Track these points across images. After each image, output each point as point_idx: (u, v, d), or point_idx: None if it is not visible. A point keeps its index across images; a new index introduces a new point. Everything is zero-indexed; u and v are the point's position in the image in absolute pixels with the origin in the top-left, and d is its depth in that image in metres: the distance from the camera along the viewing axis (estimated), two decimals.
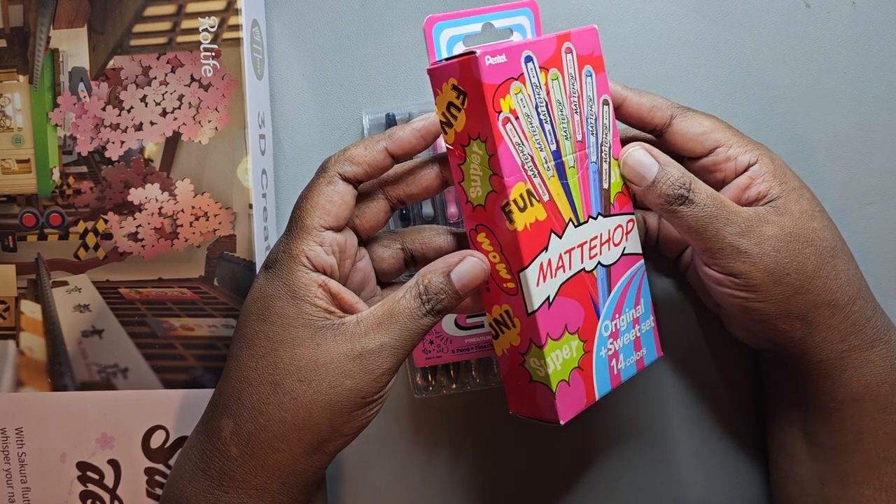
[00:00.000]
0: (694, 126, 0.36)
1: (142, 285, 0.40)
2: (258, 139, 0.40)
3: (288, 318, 0.32)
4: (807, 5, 0.42)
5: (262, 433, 0.32)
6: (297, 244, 0.32)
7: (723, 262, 0.34)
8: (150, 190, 0.40)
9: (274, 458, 0.32)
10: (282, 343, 0.32)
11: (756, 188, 0.35)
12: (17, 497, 0.41)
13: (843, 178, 0.43)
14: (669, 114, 0.36)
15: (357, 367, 0.31)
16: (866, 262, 0.42)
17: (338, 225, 0.32)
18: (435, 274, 0.32)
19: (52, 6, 0.39)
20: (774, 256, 0.33)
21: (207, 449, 0.33)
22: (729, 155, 0.35)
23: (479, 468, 0.44)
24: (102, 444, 0.41)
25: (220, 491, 0.33)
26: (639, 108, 0.35)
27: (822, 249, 0.34)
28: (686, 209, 0.33)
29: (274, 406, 0.32)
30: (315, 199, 0.32)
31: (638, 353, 0.36)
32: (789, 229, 0.34)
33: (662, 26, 0.42)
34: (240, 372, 0.33)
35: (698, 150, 0.36)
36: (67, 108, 0.40)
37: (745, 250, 0.33)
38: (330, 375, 0.31)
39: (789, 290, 0.34)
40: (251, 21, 0.40)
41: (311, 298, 0.32)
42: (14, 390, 0.41)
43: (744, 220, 0.33)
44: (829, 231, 0.35)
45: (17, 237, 0.41)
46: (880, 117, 0.42)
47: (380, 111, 0.42)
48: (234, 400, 0.33)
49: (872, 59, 0.42)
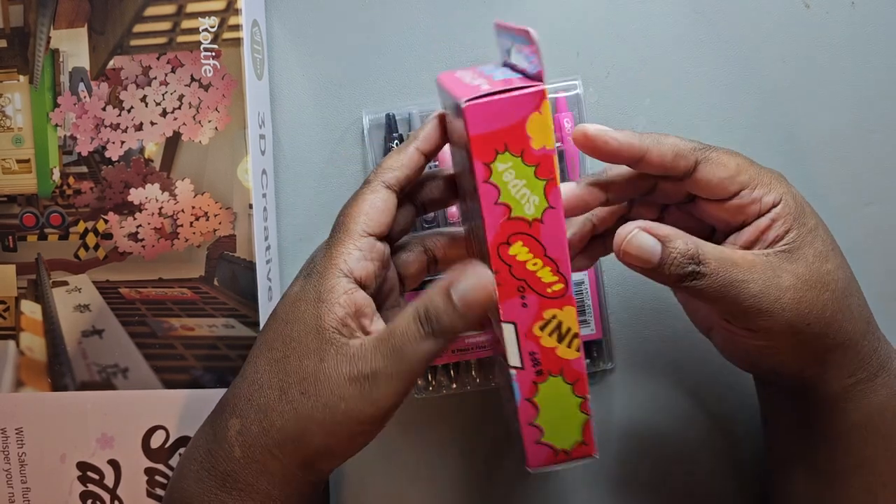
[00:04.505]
0: (718, 170, 0.33)
1: (142, 285, 0.40)
2: (258, 139, 0.40)
3: (307, 322, 0.31)
4: (806, 5, 0.42)
5: (264, 438, 0.32)
6: (337, 248, 0.32)
7: (745, 323, 0.33)
8: (151, 190, 0.40)
9: (273, 466, 0.32)
10: (294, 350, 0.31)
11: (775, 230, 0.33)
12: (17, 497, 0.41)
13: (843, 178, 0.43)
14: (693, 159, 0.33)
15: (354, 391, 0.30)
16: (866, 262, 0.42)
17: (380, 231, 0.32)
18: (435, 293, 0.30)
19: (52, 6, 0.39)
20: (795, 309, 0.32)
21: (213, 448, 0.33)
22: (753, 197, 0.33)
23: (480, 468, 0.44)
24: (102, 444, 0.41)
25: (224, 493, 0.33)
26: (661, 159, 0.33)
27: (837, 292, 0.33)
28: (699, 283, 0.31)
29: (277, 413, 0.31)
30: (360, 206, 0.32)
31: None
32: (805, 276, 0.32)
33: (662, 26, 0.42)
34: (255, 374, 0.32)
35: (724, 195, 0.33)
36: (68, 108, 0.40)
37: (766, 308, 0.32)
38: (326, 395, 0.30)
39: (809, 337, 0.33)
40: (251, 21, 0.40)
41: (331, 302, 0.31)
42: (14, 390, 0.41)
43: (760, 276, 0.32)
44: (842, 270, 0.34)
45: (18, 237, 0.41)
46: (880, 117, 0.42)
47: (380, 111, 0.42)
48: (244, 401, 0.32)
49: (872, 59, 0.42)
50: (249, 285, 0.40)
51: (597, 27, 0.42)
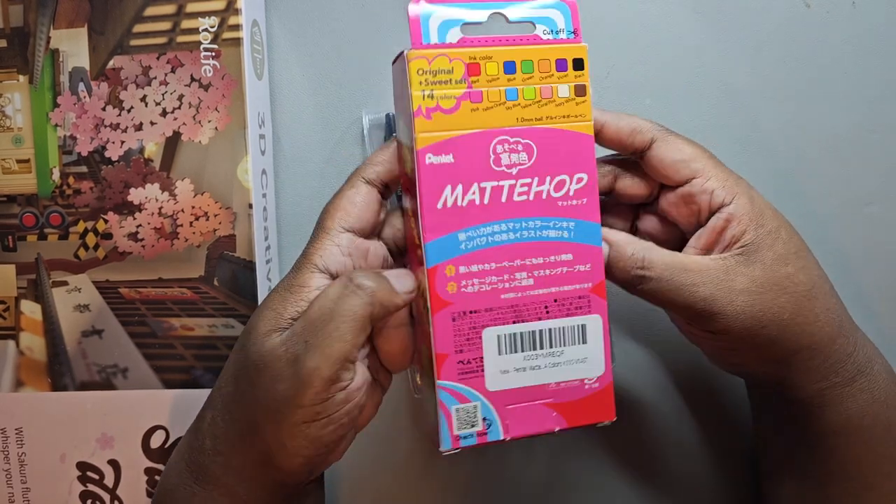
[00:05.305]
0: (673, 151, 0.34)
1: (142, 285, 0.40)
2: (258, 139, 0.40)
3: (269, 311, 0.31)
4: (807, 5, 0.42)
5: (229, 430, 0.32)
6: (314, 244, 0.32)
7: (700, 325, 0.33)
8: (150, 190, 0.40)
9: (236, 460, 0.31)
10: (249, 338, 0.31)
11: (731, 231, 0.33)
12: (17, 497, 0.41)
13: (843, 178, 0.43)
14: (650, 136, 0.34)
15: (287, 370, 0.29)
16: (865, 262, 0.42)
17: (360, 227, 0.32)
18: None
19: (52, 6, 0.39)
20: (749, 311, 0.32)
21: (192, 440, 0.33)
22: (705, 188, 0.33)
23: (480, 468, 0.44)
24: (102, 444, 0.41)
25: (197, 485, 0.32)
26: (618, 132, 0.34)
27: (797, 296, 0.33)
28: (647, 286, 0.32)
29: (235, 404, 0.31)
30: (337, 202, 0.32)
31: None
32: (761, 280, 0.32)
33: (662, 26, 0.42)
34: (227, 364, 0.33)
35: (675, 177, 0.34)
36: (67, 108, 0.40)
37: (718, 311, 0.32)
38: (266, 380, 0.30)
39: (766, 340, 0.33)
40: (251, 21, 0.40)
41: (299, 297, 0.31)
42: (14, 390, 0.41)
43: (711, 280, 0.32)
44: (804, 274, 0.33)
45: (17, 237, 0.41)
46: (880, 117, 0.42)
47: (380, 111, 0.42)
48: (217, 391, 0.33)
49: (872, 59, 0.42)
50: (249, 285, 0.40)
51: (597, 27, 0.42)
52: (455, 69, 0.31)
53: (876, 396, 0.34)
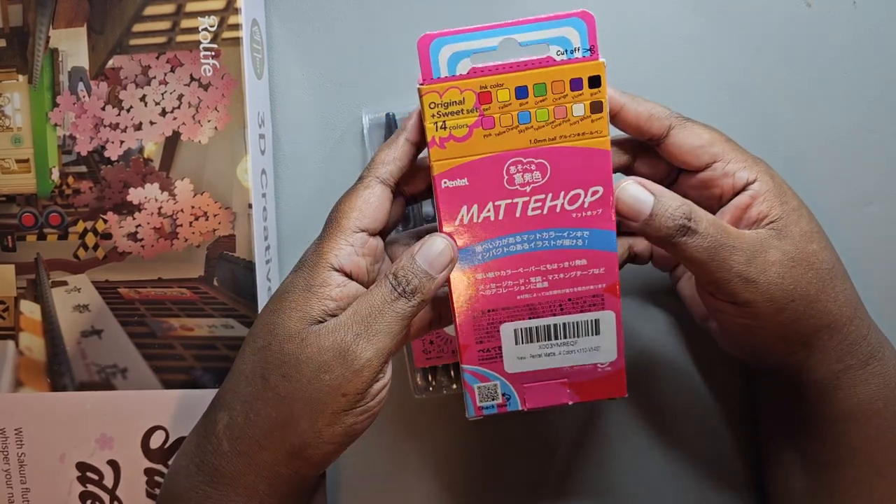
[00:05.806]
0: (692, 137, 0.34)
1: (141, 285, 0.40)
2: (258, 139, 0.40)
3: (293, 310, 0.32)
4: (807, 5, 0.42)
5: (251, 429, 0.32)
6: (328, 243, 0.32)
7: (729, 292, 0.33)
8: (150, 190, 0.40)
9: (261, 457, 0.32)
10: (277, 336, 0.32)
11: (757, 208, 0.33)
12: (17, 497, 0.41)
13: (843, 178, 0.43)
14: (668, 123, 0.34)
15: (335, 360, 0.31)
16: (866, 262, 0.42)
17: (373, 227, 0.33)
18: (403, 258, 0.32)
19: (51, 6, 0.39)
20: (780, 283, 0.32)
21: (202, 443, 0.33)
22: (727, 170, 0.34)
23: (480, 468, 0.44)
24: (102, 444, 0.41)
25: (210, 487, 0.33)
26: (636, 117, 0.34)
27: (822, 273, 0.33)
28: (689, 240, 0.32)
29: (262, 401, 0.31)
30: (353, 201, 0.33)
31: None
32: (792, 254, 0.33)
33: (662, 26, 0.42)
34: (241, 365, 0.33)
35: (695, 163, 0.34)
36: (67, 107, 0.40)
37: (753, 279, 0.32)
38: (309, 371, 0.31)
39: (793, 315, 0.33)
40: (251, 20, 0.40)
41: (323, 295, 0.31)
42: (13, 390, 0.41)
43: (748, 247, 0.32)
44: (827, 252, 0.34)
45: (17, 237, 0.41)
46: (880, 117, 0.42)
47: (380, 111, 0.42)
48: (231, 393, 0.33)
49: (873, 59, 0.42)
50: (249, 285, 0.40)
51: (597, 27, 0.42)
52: (466, 99, 0.31)
53: (887, 381, 0.35)
